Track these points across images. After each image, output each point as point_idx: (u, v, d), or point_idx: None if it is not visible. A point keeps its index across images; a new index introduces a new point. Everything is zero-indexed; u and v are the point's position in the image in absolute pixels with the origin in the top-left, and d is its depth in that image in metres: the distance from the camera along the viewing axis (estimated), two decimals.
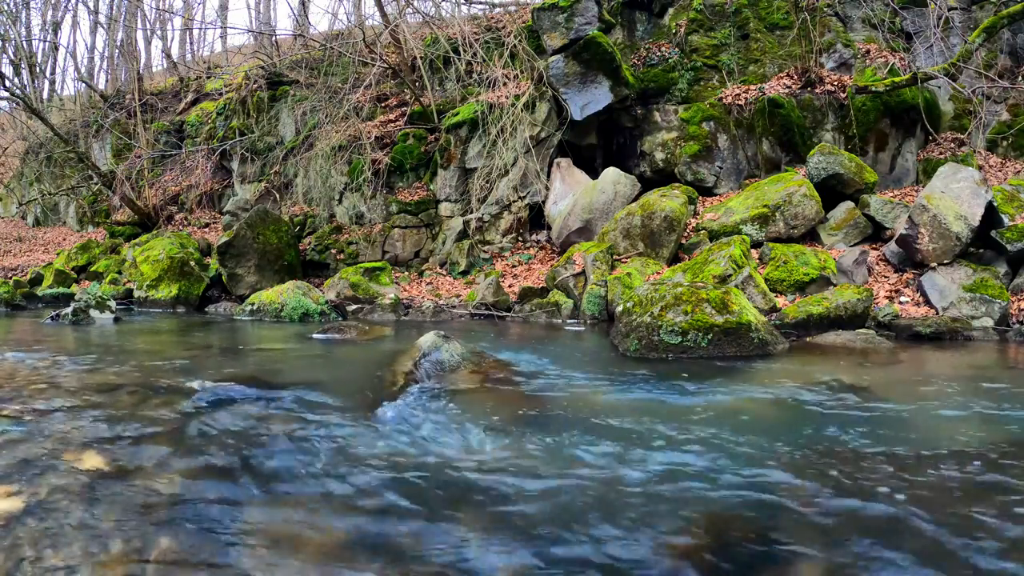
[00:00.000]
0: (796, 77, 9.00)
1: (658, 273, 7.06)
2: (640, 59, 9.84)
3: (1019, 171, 8.20)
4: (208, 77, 15.82)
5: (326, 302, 7.47)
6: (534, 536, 1.81)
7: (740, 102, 8.94)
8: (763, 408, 3.14)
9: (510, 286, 8.08)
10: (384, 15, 11.27)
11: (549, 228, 8.97)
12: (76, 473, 2.17)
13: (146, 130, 13.96)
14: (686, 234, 7.85)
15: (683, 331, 4.51)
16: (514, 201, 9.18)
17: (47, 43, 18.80)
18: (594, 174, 9.05)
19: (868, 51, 9.27)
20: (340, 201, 10.56)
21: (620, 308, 5.10)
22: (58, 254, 12.27)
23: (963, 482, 2.22)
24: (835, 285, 6.36)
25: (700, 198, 8.68)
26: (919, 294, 6.27)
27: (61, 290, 9.96)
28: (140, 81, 15.46)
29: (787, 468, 2.33)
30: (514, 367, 4.04)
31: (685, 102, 9.43)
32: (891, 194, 8.10)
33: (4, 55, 15.24)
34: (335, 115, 10.64)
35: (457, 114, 9.63)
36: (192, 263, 9.21)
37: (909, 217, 6.53)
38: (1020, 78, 8.69)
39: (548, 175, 9.21)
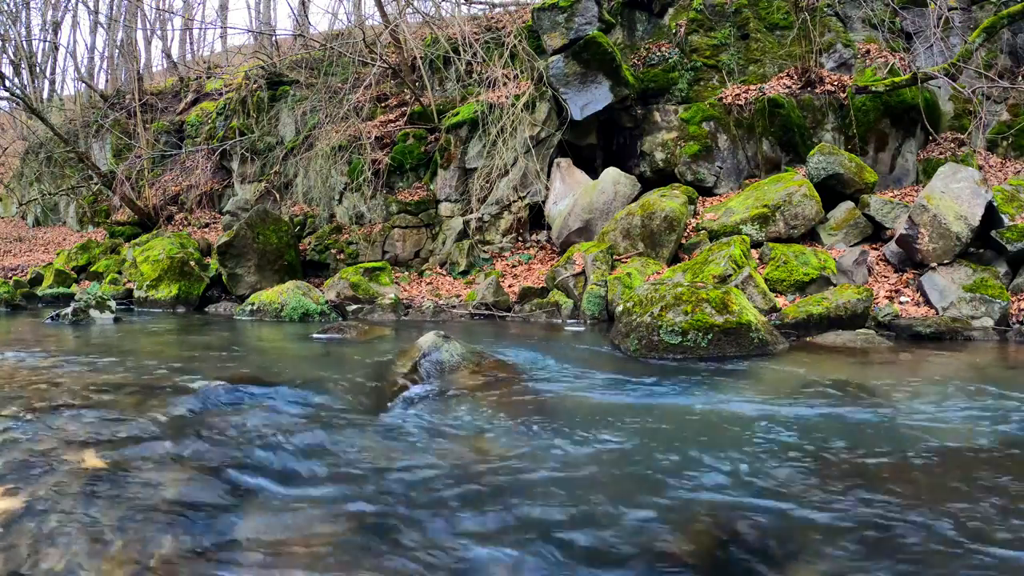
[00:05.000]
0: (796, 77, 8.99)
1: (658, 273, 7.06)
2: (640, 59, 9.84)
3: (1019, 171, 8.20)
4: (208, 77, 15.81)
5: (326, 302, 7.47)
6: (537, 534, 1.81)
7: (740, 102, 8.94)
8: (762, 408, 3.14)
9: (510, 286, 8.08)
10: (384, 15, 11.27)
11: (549, 228, 8.97)
12: (76, 473, 2.17)
13: (146, 130, 13.95)
14: (686, 234, 7.85)
15: (683, 331, 4.51)
16: (514, 201, 9.18)
17: (47, 43, 18.82)
18: (594, 174, 9.05)
19: (868, 51, 9.26)
20: (340, 201, 10.56)
21: (620, 308, 5.10)
22: (58, 254, 12.27)
23: (964, 481, 2.22)
24: (835, 285, 6.36)
25: (700, 198, 8.67)
26: (919, 294, 6.27)
27: (61, 290, 9.95)
28: (140, 81, 15.46)
29: (787, 467, 2.33)
30: (514, 367, 4.04)
31: (685, 102, 9.43)
32: (891, 194, 8.09)
33: (4, 55, 15.25)
34: (335, 115, 10.64)
35: (457, 114, 9.63)
36: (192, 263, 9.21)
37: (909, 217, 6.53)
38: (1020, 78, 8.69)
39: (548, 175, 9.21)
